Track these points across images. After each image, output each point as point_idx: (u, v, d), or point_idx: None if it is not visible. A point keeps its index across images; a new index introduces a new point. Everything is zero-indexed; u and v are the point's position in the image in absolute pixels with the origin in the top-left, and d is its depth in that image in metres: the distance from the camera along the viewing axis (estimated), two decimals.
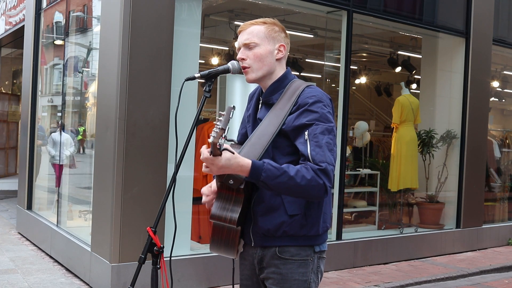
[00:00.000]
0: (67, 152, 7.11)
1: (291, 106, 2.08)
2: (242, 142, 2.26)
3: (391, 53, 9.97)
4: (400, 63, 9.82)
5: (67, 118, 7.25)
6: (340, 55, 6.45)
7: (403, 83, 7.99)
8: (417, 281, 5.83)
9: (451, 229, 7.53)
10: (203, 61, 9.17)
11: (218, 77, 3.51)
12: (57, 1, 7.20)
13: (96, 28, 6.24)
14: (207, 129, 6.23)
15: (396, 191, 7.55)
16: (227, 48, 9.72)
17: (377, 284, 5.64)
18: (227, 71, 2.22)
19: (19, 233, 7.57)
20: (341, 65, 6.40)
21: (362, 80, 12.12)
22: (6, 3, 11.18)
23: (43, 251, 6.50)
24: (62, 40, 7.25)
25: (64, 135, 7.14)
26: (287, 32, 2.27)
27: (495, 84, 9.76)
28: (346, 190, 7.06)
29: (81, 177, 7.15)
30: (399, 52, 9.86)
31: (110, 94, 4.90)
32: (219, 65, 6.39)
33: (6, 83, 15.77)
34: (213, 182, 2.23)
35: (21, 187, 7.74)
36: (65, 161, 7.17)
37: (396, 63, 9.86)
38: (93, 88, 6.26)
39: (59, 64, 7.45)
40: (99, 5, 5.65)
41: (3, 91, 14.74)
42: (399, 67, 9.90)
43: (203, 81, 2.22)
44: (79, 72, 7.15)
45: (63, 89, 7.05)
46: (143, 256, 2.11)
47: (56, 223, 6.43)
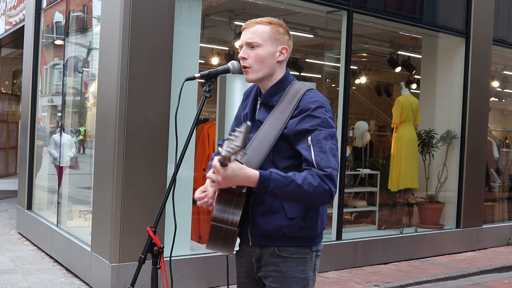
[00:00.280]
0: (70, 153, 7.10)
1: (292, 110, 2.09)
2: None
3: (391, 53, 9.97)
4: (400, 63, 9.83)
5: (67, 118, 7.25)
6: (340, 55, 6.44)
7: (403, 83, 7.99)
8: (417, 281, 5.83)
9: (451, 229, 7.53)
10: (203, 61, 9.17)
11: (218, 77, 3.50)
12: (57, 1, 7.20)
13: (96, 28, 6.24)
14: (207, 129, 6.23)
15: (396, 191, 7.55)
16: (227, 48, 9.72)
17: (377, 284, 5.64)
18: (227, 71, 2.23)
19: (19, 233, 7.57)
20: (341, 65, 6.40)
21: (362, 80, 12.12)
22: (6, 3, 11.18)
23: (43, 251, 6.50)
24: (62, 40, 7.24)
25: (65, 136, 7.14)
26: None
27: (495, 84, 9.76)
28: (346, 190, 7.07)
29: (81, 177, 7.15)
30: (399, 52, 9.86)
31: (110, 94, 4.90)
32: (219, 65, 6.39)
33: (6, 83, 15.77)
34: (207, 184, 2.22)
35: (21, 187, 7.74)
36: (68, 163, 7.16)
37: (396, 63, 9.86)
38: (93, 88, 6.26)
39: (59, 64, 7.44)
40: (99, 5, 5.65)
41: (3, 91, 14.74)
42: (399, 67, 9.90)
43: (203, 81, 2.23)
44: (79, 72, 7.15)
45: (63, 89, 7.05)
46: (143, 256, 2.12)
47: (56, 223, 6.43)
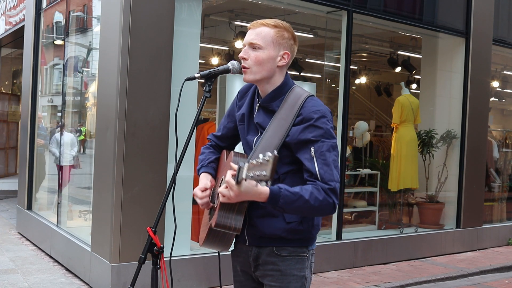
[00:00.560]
0: (72, 152, 7.10)
1: (294, 117, 2.09)
2: (225, 135, 2.36)
3: (391, 53, 9.97)
4: (400, 63, 9.83)
5: (67, 118, 7.25)
6: (340, 55, 6.44)
7: (403, 83, 7.99)
8: (417, 281, 5.83)
9: (451, 229, 7.53)
10: (203, 61, 9.17)
11: (218, 77, 3.51)
12: (57, 1, 7.20)
13: (96, 28, 6.24)
14: (207, 129, 6.23)
15: (396, 191, 7.55)
16: (227, 48, 9.72)
17: (377, 284, 5.64)
18: (227, 71, 2.22)
19: (19, 233, 7.57)
20: (341, 65, 6.40)
21: (362, 80, 12.12)
22: (6, 3, 11.18)
23: (43, 251, 6.50)
24: (62, 40, 7.24)
25: (68, 135, 7.13)
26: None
27: (495, 84, 9.76)
28: (346, 190, 7.07)
29: (81, 177, 7.15)
30: (399, 52, 9.87)
31: (110, 94, 4.90)
32: (219, 65, 6.39)
33: (6, 83, 15.77)
34: (204, 181, 2.23)
35: (21, 187, 7.73)
36: (71, 162, 7.15)
37: (396, 63, 9.86)
38: (93, 88, 6.26)
39: (59, 64, 7.44)
40: (99, 5, 5.65)
41: (3, 91, 14.74)
42: (399, 67, 9.90)
43: (203, 81, 2.23)
44: (79, 72, 7.15)
45: (63, 89, 7.04)
46: (143, 256, 2.12)
47: (56, 223, 6.43)
